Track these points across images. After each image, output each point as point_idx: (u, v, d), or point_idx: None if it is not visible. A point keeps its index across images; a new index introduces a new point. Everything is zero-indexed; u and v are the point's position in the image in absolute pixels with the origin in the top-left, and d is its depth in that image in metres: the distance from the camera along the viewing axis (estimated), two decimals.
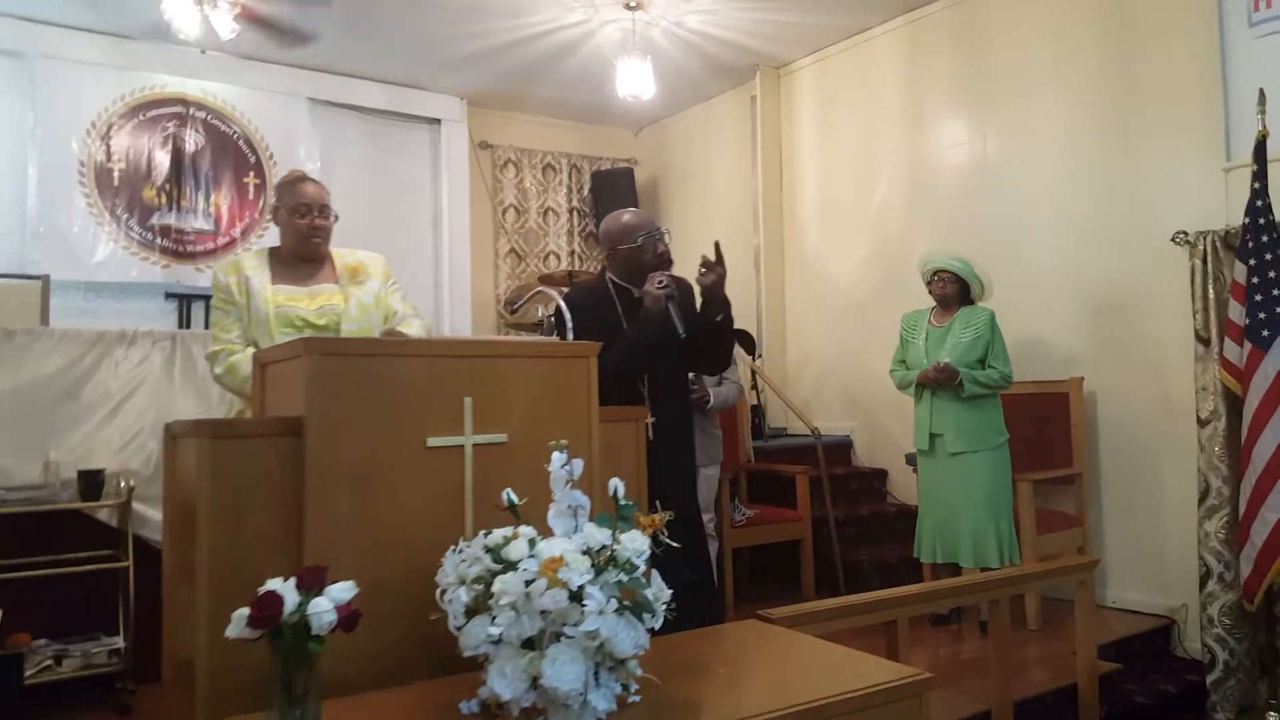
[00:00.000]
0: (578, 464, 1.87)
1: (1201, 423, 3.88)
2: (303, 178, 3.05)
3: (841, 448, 5.49)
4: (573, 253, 7.07)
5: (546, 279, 6.09)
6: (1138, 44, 4.33)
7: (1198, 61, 4.06)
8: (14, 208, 5.36)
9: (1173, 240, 4.03)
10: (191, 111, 5.84)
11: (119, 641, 3.52)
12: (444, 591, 1.73)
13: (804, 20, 5.41)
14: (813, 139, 6.06)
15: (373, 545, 1.99)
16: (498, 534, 1.78)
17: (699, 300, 2.88)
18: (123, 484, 3.56)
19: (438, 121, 6.57)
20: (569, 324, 2.40)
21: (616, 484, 1.83)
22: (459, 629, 1.70)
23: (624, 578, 1.69)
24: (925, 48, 5.30)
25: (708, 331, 2.83)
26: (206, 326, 5.82)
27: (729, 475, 4.33)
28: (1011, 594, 2.93)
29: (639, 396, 2.70)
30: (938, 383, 3.98)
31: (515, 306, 2.62)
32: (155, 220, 5.70)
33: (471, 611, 1.71)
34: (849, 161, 5.79)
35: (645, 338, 2.61)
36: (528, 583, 1.65)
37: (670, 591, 1.82)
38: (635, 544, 1.71)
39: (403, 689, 1.86)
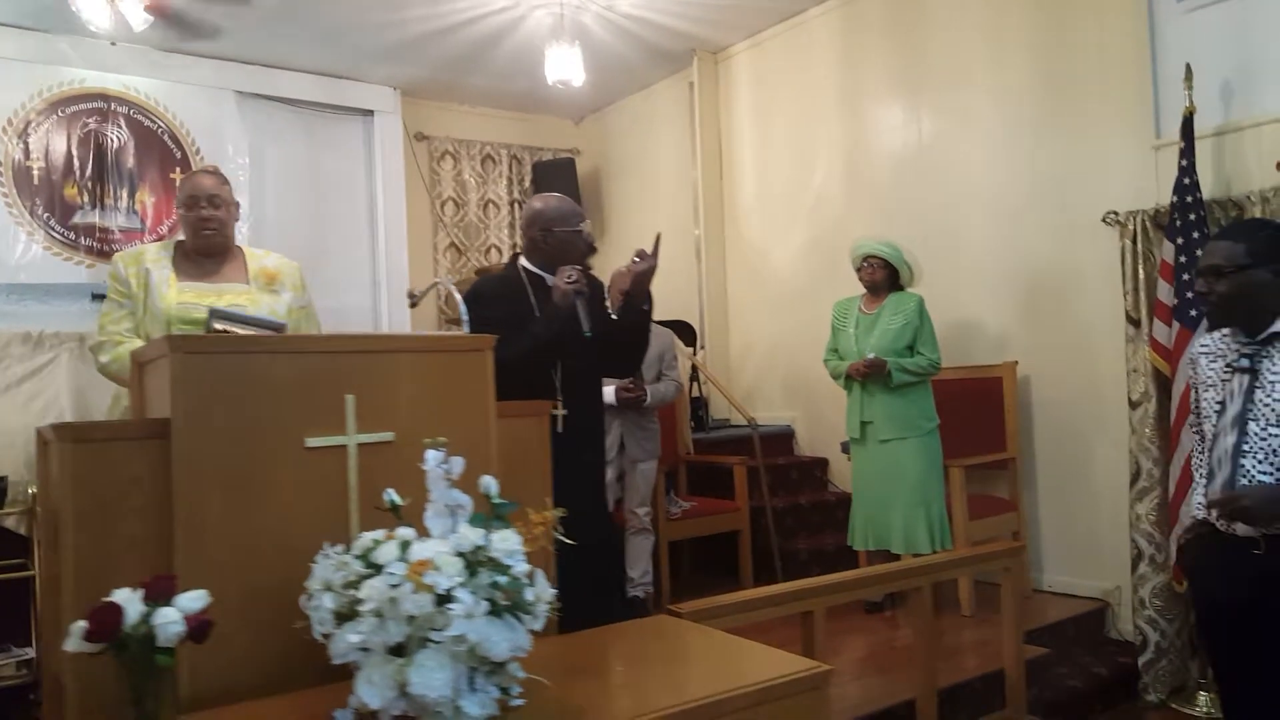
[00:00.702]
0: (457, 461, 1.81)
1: (1133, 404, 3.88)
2: (200, 171, 2.95)
3: (783, 438, 5.46)
4: (514, 245, 6.96)
5: (483, 272, 5.99)
6: (1069, 24, 4.30)
7: (1128, 39, 4.04)
8: None
9: (1103, 220, 4.02)
10: (113, 107, 5.67)
11: (30, 652, 3.41)
12: (311, 598, 1.65)
13: (739, 3, 5.34)
14: (751, 126, 6.01)
15: (250, 551, 1.91)
16: (368, 537, 1.71)
17: (610, 296, 2.83)
18: (30, 490, 3.44)
19: (371, 113, 6.43)
20: (464, 315, 2.32)
21: (489, 482, 1.76)
22: (325, 636, 1.62)
23: (499, 579, 1.63)
24: (860, 30, 5.26)
25: (629, 324, 2.77)
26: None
27: (666, 468, 4.29)
28: (934, 581, 2.90)
29: (551, 390, 2.63)
30: (867, 376, 3.96)
31: (414, 300, 2.53)
32: (78, 219, 5.53)
33: (342, 618, 1.63)
34: (786, 148, 5.74)
35: (551, 333, 2.53)
36: (394, 587, 1.58)
37: (554, 591, 1.75)
38: (506, 544, 1.64)
39: (279, 698, 1.79)
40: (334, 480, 2.02)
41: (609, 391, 3.81)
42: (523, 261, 2.77)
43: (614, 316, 2.85)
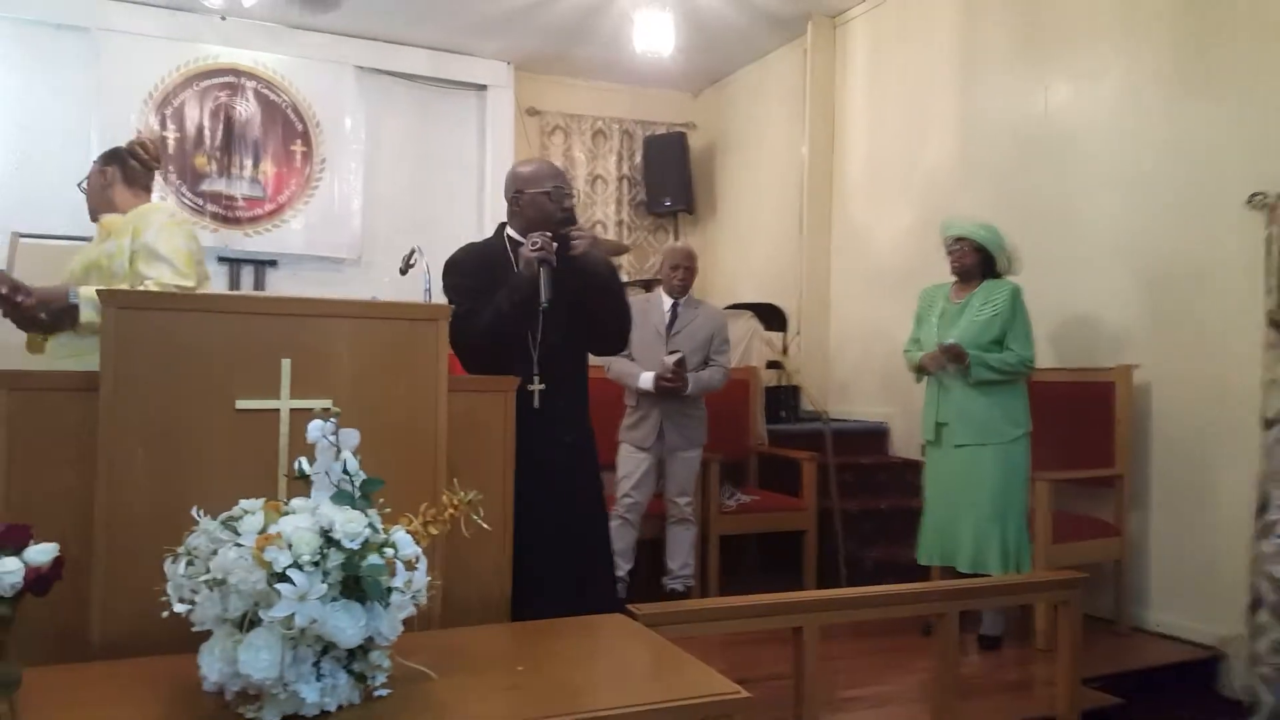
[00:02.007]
0: (350, 434, 1.71)
1: (1267, 424, 3.37)
2: None
3: (874, 436, 5.10)
4: (620, 222, 6.88)
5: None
6: None
7: None
8: (77, 175, 5.60)
9: (1248, 203, 3.47)
10: (242, 81, 5.98)
11: None
12: (172, 562, 1.61)
13: None
14: (864, 95, 5.62)
15: (172, 510, 1.87)
16: (242, 505, 1.65)
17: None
18: None
19: (484, 88, 6.49)
20: (426, 283, 2.22)
21: (349, 458, 1.64)
22: (182, 602, 1.57)
23: (344, 560, 1.52)
24: None
25: (597, 295, 2.55)
26: (256, 287, 6.07)
27: (732, 459, 4.08)
28: (961, 609, 2.57)
29: (529, 364, 2.50)
30: (942, 366, 3.58)
31: (404, 267, 2.46)
32: (206, 186, 5.89)
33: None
34: (898, 120, 5.33)
35: (511, 303, 2.40)
36: (238, 560, 1.51)
37: (427, 579, 1.64)
38: (351, 525, 1.53)
39: (170, 658, 1.74)
40: (264, 445, 1.99)
41: (647, 378, 3.65)
42: (507, 229, 2.64)
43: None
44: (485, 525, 1.85)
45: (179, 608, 1.51)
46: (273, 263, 6.11)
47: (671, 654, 1.90)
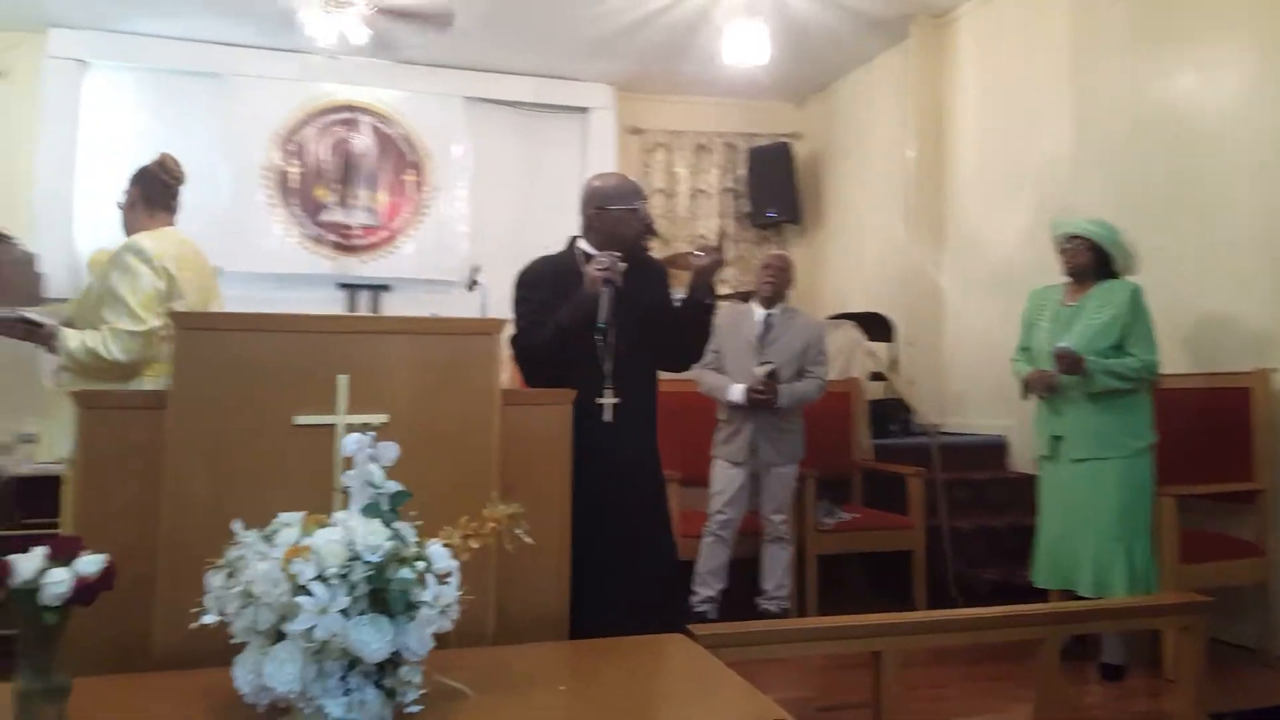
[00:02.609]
0: (388, 447, 1.71)
1: None
2: None
3: (992, 450, 4.80)
4: (723, 234, 6.78)
5: (681, 262, 5.87)
6: None
7: None
8: (206, 209, 5.99)
9: None
10: (358, 116, 6.26)
11: None
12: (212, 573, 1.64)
13: None
14: (974, 92, 5.36)
15: (229, 522, 1.94)
16: (283, 518, 1.67)
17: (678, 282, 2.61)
18: None
19: (586, 110, 6.56)
20: (483, 298, 2.22)
21: (374, 470, 1.63)
22: (222, 615, 1.59)
23: (372, 573, 1.51)
24: None
25: (689, 319, 2.57)
26: (372, 311, 6.30)
27: (817, 475, 3.92)
28: (1065, 633, 2.36)
29: (600, 377, 2.46)
30: (1048, 385, 3.33)
31: (469, 284, 2.48)
32: (325, 216, 6.17)
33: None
34: (1011, 116, 5.06)
35: (573, 320, 2.38)
36: (267, 572, 1.52)
37: (458, 594, 1.61)
38: (371, 539, 1.52)
39: (223, 670, 1.78)
40: (321, 460, 2.01)
41: (738, 390, 3.55)
42: (580, 243, 2.62)
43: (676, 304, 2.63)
44: (528, 540, 1.82)
45: (208, 619, 1.53)
46: (386, 287, 6.33)
47: (723, 677, 1.81)
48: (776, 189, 6.64)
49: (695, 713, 1.66)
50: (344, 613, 1.48)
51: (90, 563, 1.57)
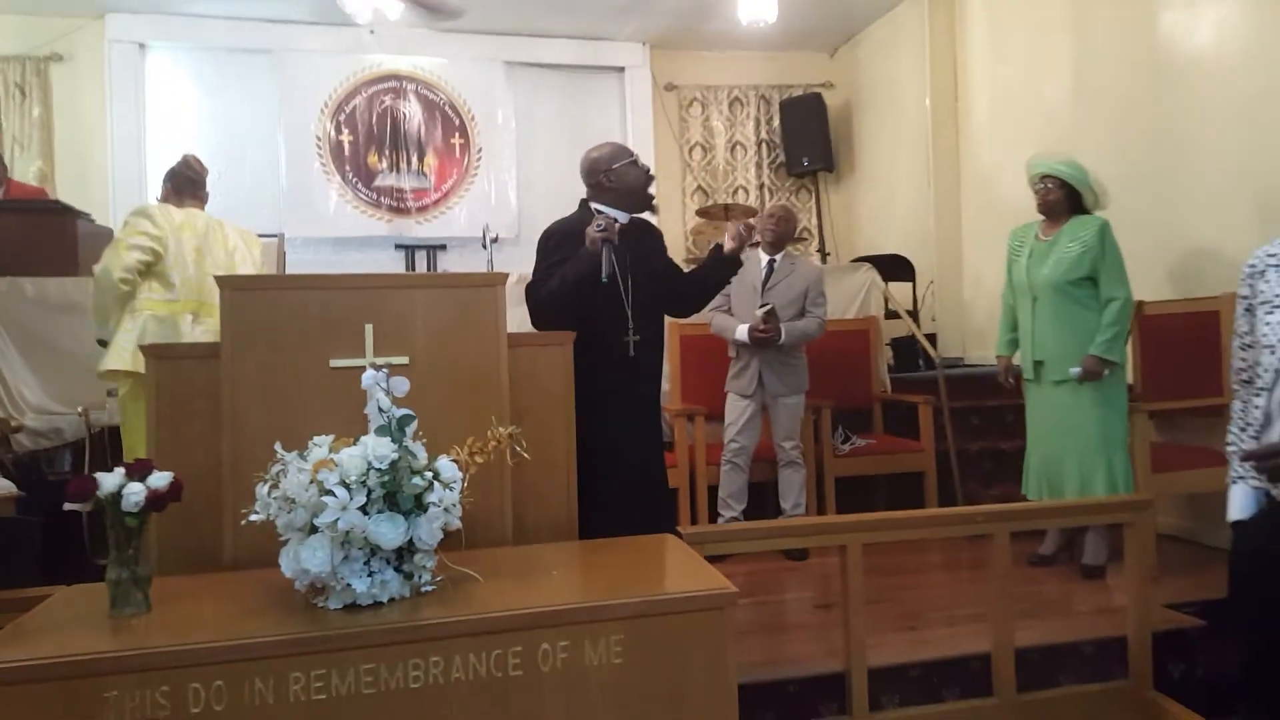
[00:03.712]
0: (400, 381, 2.06)
1: None
2: None
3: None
4: (761, 185, 6.99)
5: (714, 211, 6.12)
6: None
7: None
8: (270, 179, 6.46)
9: None
10: (404, 85, 6.62)
11: None
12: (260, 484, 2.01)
13: None
14: (984, 43, 5.49)
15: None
16: (315, 440, 2.03)
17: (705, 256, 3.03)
18: None
19: (623, 69, 6.80)
20: (490, 255, 2.55)
21: (381, 398, 1.98)
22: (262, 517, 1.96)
23: (382, 481, 1.87)
24: None
25: (708, 283, 3.03)
26: (429, 269, 6.71)
27: (832, 405, 4.20)
28: (1013, 529, 2.62)
29: (623, 318, 2.80)
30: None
31: (485, 243, 2.80)
32: (378, 182, 6.58)
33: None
34: (1019, 63, 5.19)
35: (576, 274, 2.70)
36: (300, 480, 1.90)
37: (459, 496, 1.96)
38: (379, 451, 1.87)
39: (269, 569, 2.15)
40: (355, 396, 2.37)
41: (743, 330, 3.83)
42: (594, 204, 2.92)
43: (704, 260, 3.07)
44: (525, 455, 2.16)
45: (255, 518, 1.90)
46: (442, 246, 6.73)
47: (695, 563, 2.13)
48: (810, 138, 6.80)
49: (659, 586, 1.99)
50: (363, 510, 1.84)
51: (160, 478, 1.96)
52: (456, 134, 6.68)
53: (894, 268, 5.35)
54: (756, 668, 2.70)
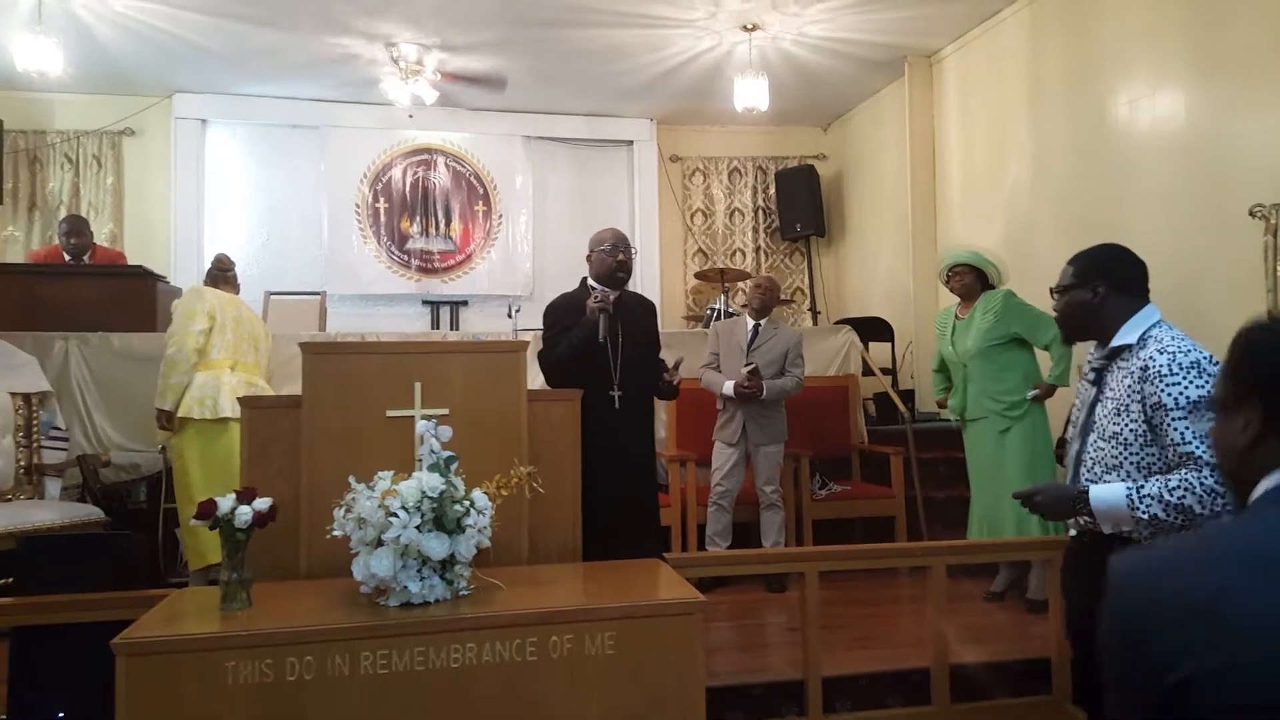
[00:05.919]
0: (444, 430, 2.64)
1: None
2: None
3: None
4: (758, 248, 7.61)
5: (709, 274, 6.71)
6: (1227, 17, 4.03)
7: None
8: (313, 242, 7.14)
9: (1250, 214, 3.77)
10: (435, 157, 7.31)
11: None
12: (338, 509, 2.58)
13: (936, 12, 5.52)
14: (957, 128, 6.13)
15: (347, 482, 2.89)
16: (379, 475, 2.61)
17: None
18: None
19: (631, 143, 7.48)
20: (515, 325, 3.15)
21: (432, 443, 2.56)
22: (340, 534, 2.53)
23: (433, 507, 2.44)
24: (1043, 28, 5.21)
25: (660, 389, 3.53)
26: (453, 326, 7.34)
27: (811, 454, 4.74)
28: (948, 563, 3.15)
29: (609, 378, 3.37)
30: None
31: (510, 313, 3.39)
32: (410, 245, 7.23)
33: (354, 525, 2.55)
34: (987, 148, 5.80)
35: (579, 338, 3.29)
36: (369, 505, 2.47)
37: (488, 521, 2.52)
38: (430, 483, 2.45)
39: (339, 579, 2.71)
40: (405, 439, 2.95)
41: (729, 385, 4.40)
42: (590, 281, 3.52)
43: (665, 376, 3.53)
44: (541, 490, 2.73)
45: (336, 532, 2.47)
46: (464, 302, 7.36)
47: (673, 580, 2.68)
48: (803, 206, 7.42)
49: (640, 596, 2.53)
50: (418, 529, 2.41)
51: (262, 502, 2.54)
52: (480, 201, 7.35)
53: (874, 329, 5.93)
54: (731, 675, 3.23)
